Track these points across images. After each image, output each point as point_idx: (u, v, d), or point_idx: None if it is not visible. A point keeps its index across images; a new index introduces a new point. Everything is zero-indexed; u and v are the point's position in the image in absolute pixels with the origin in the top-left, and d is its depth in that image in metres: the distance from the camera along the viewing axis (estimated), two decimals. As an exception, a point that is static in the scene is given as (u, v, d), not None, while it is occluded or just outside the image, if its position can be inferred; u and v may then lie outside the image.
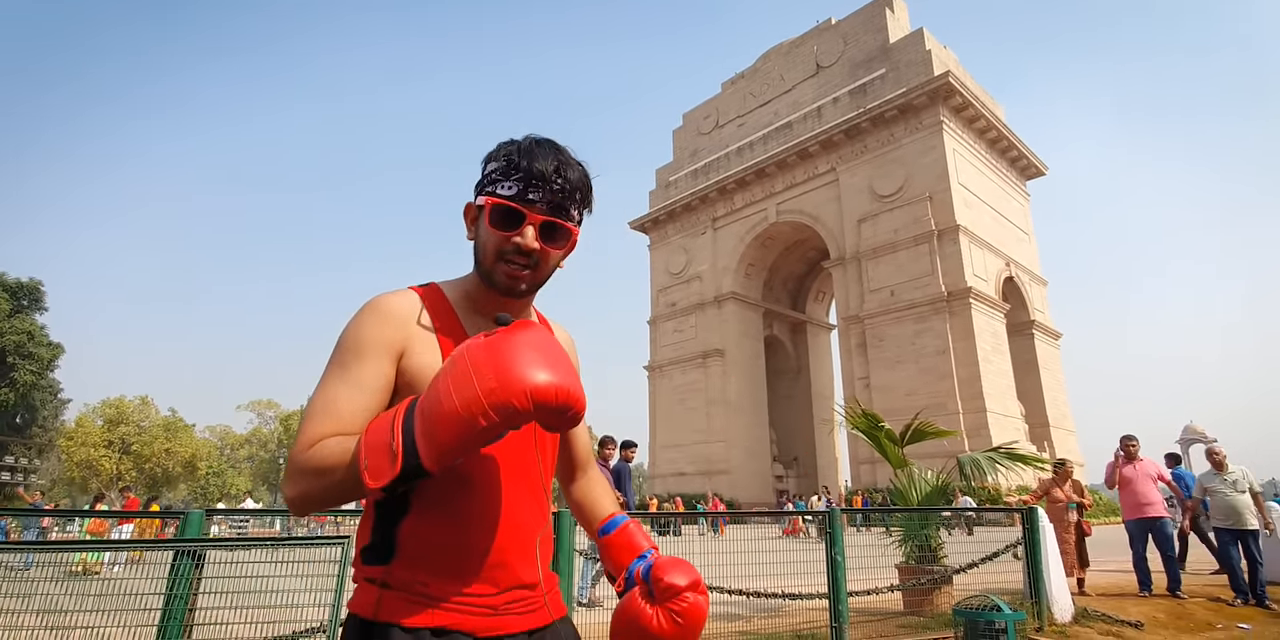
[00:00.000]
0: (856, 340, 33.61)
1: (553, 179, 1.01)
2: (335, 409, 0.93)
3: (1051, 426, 33.99)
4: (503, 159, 1.04)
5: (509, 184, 1.02)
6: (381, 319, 1.00)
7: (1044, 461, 7.40)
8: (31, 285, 44.73)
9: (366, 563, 0.98)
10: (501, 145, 1.06)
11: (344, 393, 0.94)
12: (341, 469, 0.85)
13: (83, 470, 42.00)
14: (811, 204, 37.32)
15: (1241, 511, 6.82)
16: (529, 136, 1.06)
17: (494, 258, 1.04)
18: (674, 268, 43.70)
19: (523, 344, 0.80)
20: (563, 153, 1.05)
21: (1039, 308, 37.14)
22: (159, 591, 3.01)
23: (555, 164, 1.02)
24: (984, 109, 34.49)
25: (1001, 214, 35.87)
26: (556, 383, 0.77)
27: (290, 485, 0.89)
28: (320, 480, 0.87)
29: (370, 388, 0.95)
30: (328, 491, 0.87)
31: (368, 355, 0.97)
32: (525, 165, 1.01)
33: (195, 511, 3.40)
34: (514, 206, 1.01)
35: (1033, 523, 5.88)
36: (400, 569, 0.95)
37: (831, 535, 4.81)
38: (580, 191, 1.06)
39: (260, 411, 64.52)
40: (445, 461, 0.79)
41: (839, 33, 39.14)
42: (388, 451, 0.80)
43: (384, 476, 0.79)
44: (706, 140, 45.19)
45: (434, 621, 0.93)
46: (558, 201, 1.03)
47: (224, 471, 55.75)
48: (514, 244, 1.02)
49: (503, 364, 0.77)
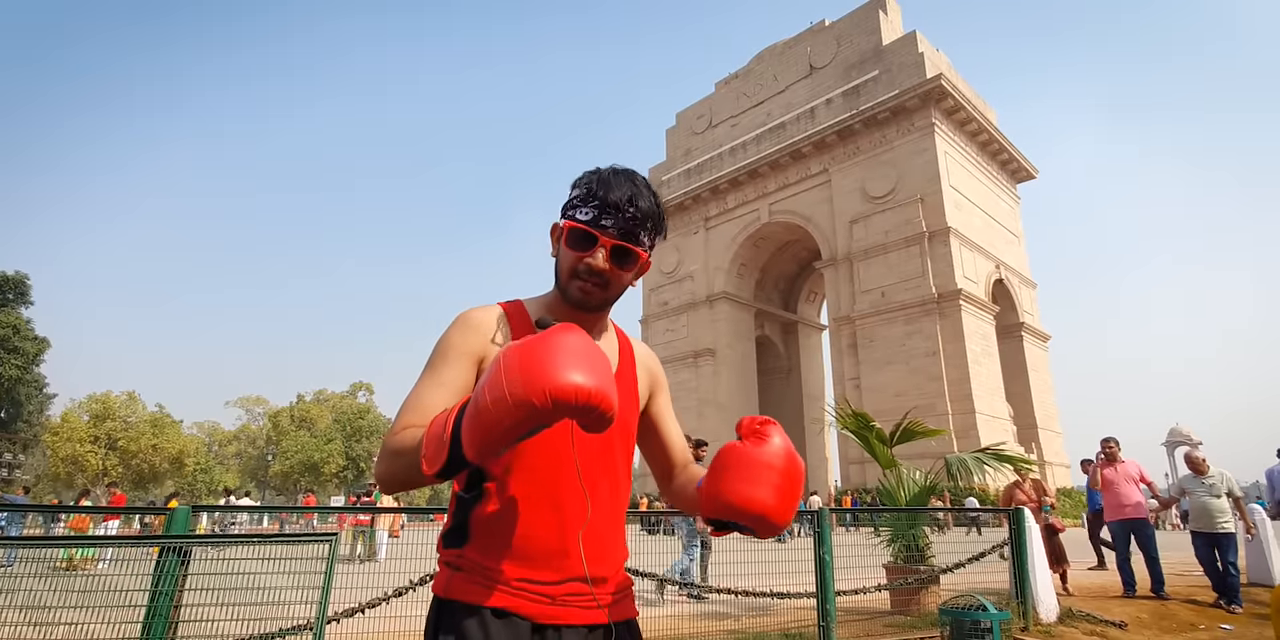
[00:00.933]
0: (847, 341, 33.75)
1: (625, 208, 1.12)
2: (421, 404, 1.05)
3: (1039, 428, 34.25)
4: (583, 187, 1.15)
5: (586, 210, 1.13)
6: (466, 329, 1.13)
7: (1031, 463, 7.46)
8: (17, 278, 44.26)
9: (446, 546, 1.10)
10: (586, 173, 1.18)
11: (429, 391, 1.07)
12: (409, 454, 0.95)
13: (68, 466, 41.55)
14: (804, 204, 37.42)
15: (1213, 515, 6.80)
16: (610, 167, 1.18)
17: (569, 275, 1.15)
18: (666, 267, 43.71)
19: (554, 346, 0.84)
20: (637, 184, 1.15)
21: (1028, 310, 37.40)
22: (144, 588, 2.98)
23: (629, 194, 1.13)
24: (976, 112, 34.68)
25: (992, 216, 36.09)
26: (578, 383, 0.80)
27: (379, 465, 1.02)
28: (397, 462, 0.98)
29: (452, 387, 1.08)
30: (403, 473, 0.97)
31: (452, 359, 1.10)
32: (602, 194, 1.12)
33: (181, 507, 3.37)
34: (589, 230, 1.12)
35: (1019, 523, 5.92)
36: (472, 552, 1.06)
37: (820, 535, 4.83)
38: (651, 220, 1.16)
39: (249, 408, 64.20)
40: (485, 455, 0.84)
41: (832, 34, 39.24)
42: (439, 441, 0.88)
43: (436, 464, 0.88)
44: (700, 140, 45.22)
45: (495, 602, 1.02)
46: (629, 228, 1.13)
47: (212, 468, 55.34)
48: (586, 264, 1.13)
49: (529, 364, 0.81)
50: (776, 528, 1.00)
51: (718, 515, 1.03)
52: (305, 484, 49.42)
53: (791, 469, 1.01)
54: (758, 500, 0.98)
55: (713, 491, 1.01)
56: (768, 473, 0.99)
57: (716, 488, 1.01)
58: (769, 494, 0.98)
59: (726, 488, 0.99)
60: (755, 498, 0.98)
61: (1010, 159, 38.43)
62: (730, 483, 1.00)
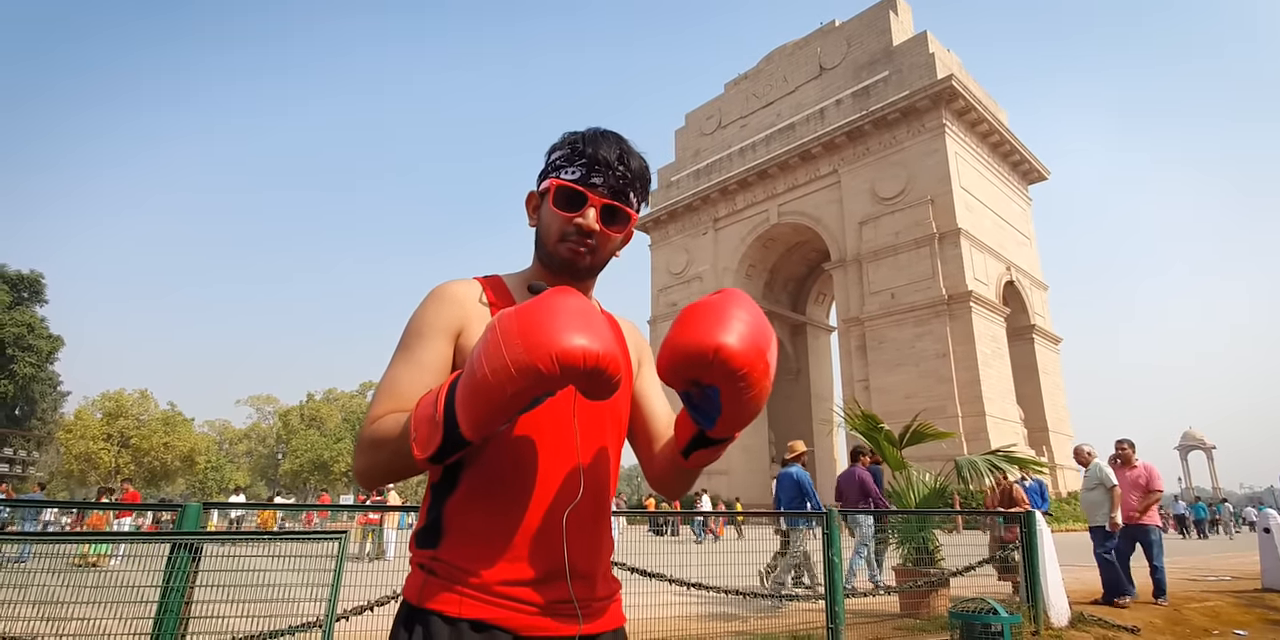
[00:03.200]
0: (856, 342, 33.60)
1: (615, 165, 1.05)
2: (397, 388, 0.97)
3: (1051, 431, 33.98)
4: (567, 146, 1.08)
5: (573, 169, 1.06)
6: (441, 303, 1.04)
7: (1041, 465, 7.41)
8: (32, 278, 44.77)
9: (419, 546, 1.00)
10: (566, 135, 1.10)
11: (405, 372, 0.98)
12: (395, 441, 0.89)
13: (81, 463, 41.93)
14: (813, 205, 37.30)
15: (1090, 510, 7.00)
16: (593, 128, 1.10)
17: (557, 238, 1.07)
18: (675, 268, 43.69)
19: (552, 308, 0.79)
20: (625, 142, 1.09)
21: (1039, 312, 37.12)
22: (155, 584, 3.01)
23: (618, 152, 1.06)
24: (987, 113, 34.47)
25: (1003, 218, 35.86)
26: (584, 345, 0.75)
27: (357, 459, 0.94)
28: (380, 452, 0.91)
29: (430, 367, 0.99)
30: (389, 463, 0.91)
31: (427, 337, 1.01)
32: (590, 152, 1.05)
33: (193, 504, 3.39)
34: (578, 188, 1.05)
35: (1030, 527, 5.88)
36: (447, 552, 0.96)
37: (829, 537, 4.81)
38: (640, 181, 1.09)
39: (259, 406, 64.59)
40: (483, 431, 0.79)
41: (842, 35, 39.11)
42: (431, 422, 0.82)
43: (429, 447, 0.82)
44: (709, 141, 45.17)
45: (475, 613, 0.92)
46: (619, 187, 1.06)
47: (222, 466, 55.75)
48: (576, 225, 1.05)
49: (529, 328, 0.77)
50: (746, 375, 0.83)
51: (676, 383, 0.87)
52: (315, 483, 49.73)
53: (744, 306, 0.88)
54: (709, 338, 0.82)
55: (663, 362, 0.86)
56: (712, 312, 0.86)
57: (662, 351, 0.86)
58: (721, 330, 0.83)
59: (669, 342, 0.85)
60: (706, 338, 0.82)
61: (1022, 160, 38.16)
62: (673, 337, 0.86)
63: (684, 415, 0.97)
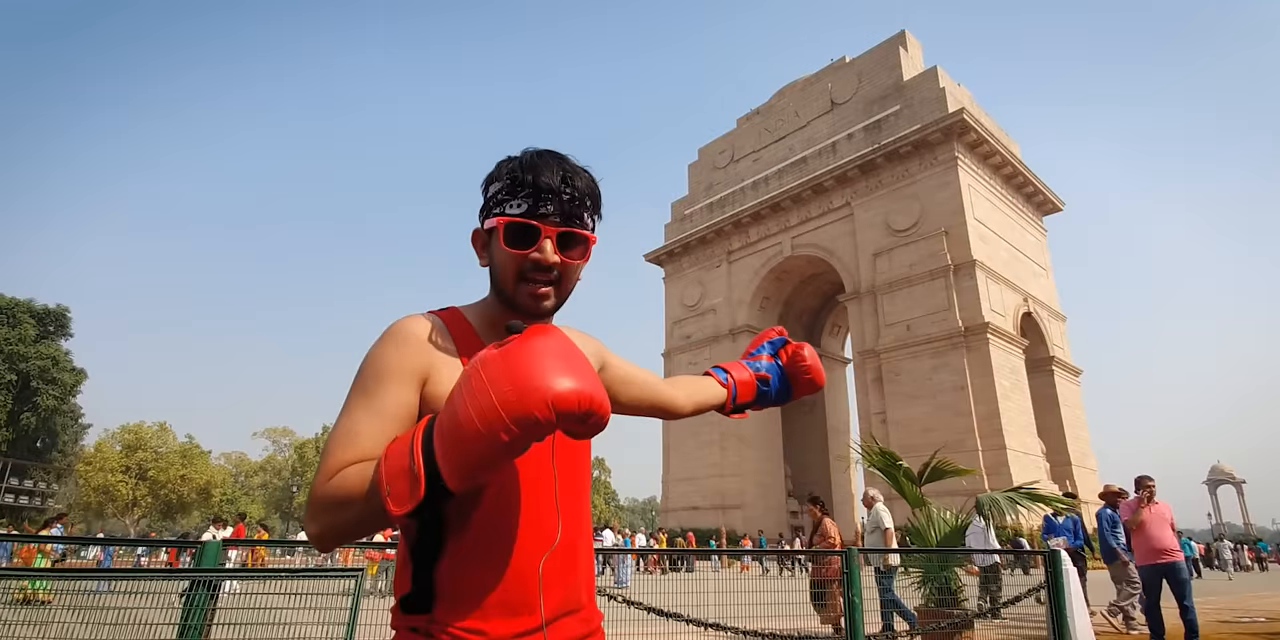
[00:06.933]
0: (872, 375, 33.29)
1: (561, 190, 0.99)
2: (357, 438, 0.88)
3: (1074, 465, 33.23)
4: (506, 178, 1.00)
5: (517, 202, 0.99)
6: (402, 343, 0.95)
7: (1065, 503, 7.24)
8: (58, 311, 45.67)
9: (408, 613, 0.91)
10: (501, 164, 1.03)
11: (366, 420, 0.90)
12: (362, 498, 0.81)
13: (99, 495, 42.07)
14: (826, 238, 37.43)
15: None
16: (527, 150, 1.03)
17: (515, 279, 1.00)
18: (689, 300, 43.78)
19: (538, 351, 0.76)
20: (566, 161, 1.02)
21: (1058, 344, 36.68)
22: (173, 622, 3.01)
23: (561, 173, 0.99)
24: (999, 145, 34.67)
25: (1018, 249, 35.75)
26: (577, 388, 0.73)
27: (313, 521, 0.84)
28: (344, 512, 0.82)
29: (393, 416, 0.91)
30: (351, 524, 0.83)
31: (389, 381, 0.92)
32: (531, 180, 0.98)
33: (212, 542, 3.42)
34: (528, 222, 0.98)
35: (1056, 566, 5.73)
36: (445, 615, 0.88)
37: (849, 576, 4.73)
38: (590, 198, 1.03)
39: (275, 439, 64.65)
40: (470, 482, 0.75)
41: (853, 70, 39.74)
42: (408, 475, 0.76)
43: (408, 502, 0.75)
44: (722, 174, 45.68)
45: None
46: (570, 211, 1.00)
47: (238, 498, 55.69)
48: (533, 260, 0.99)
49: (519, 373, 0.73)
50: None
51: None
52: (328, 516, 49.35)
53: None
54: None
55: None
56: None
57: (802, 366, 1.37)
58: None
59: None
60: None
61: (1035, 191, 38.20)
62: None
63: (718, 380, 1.35)
